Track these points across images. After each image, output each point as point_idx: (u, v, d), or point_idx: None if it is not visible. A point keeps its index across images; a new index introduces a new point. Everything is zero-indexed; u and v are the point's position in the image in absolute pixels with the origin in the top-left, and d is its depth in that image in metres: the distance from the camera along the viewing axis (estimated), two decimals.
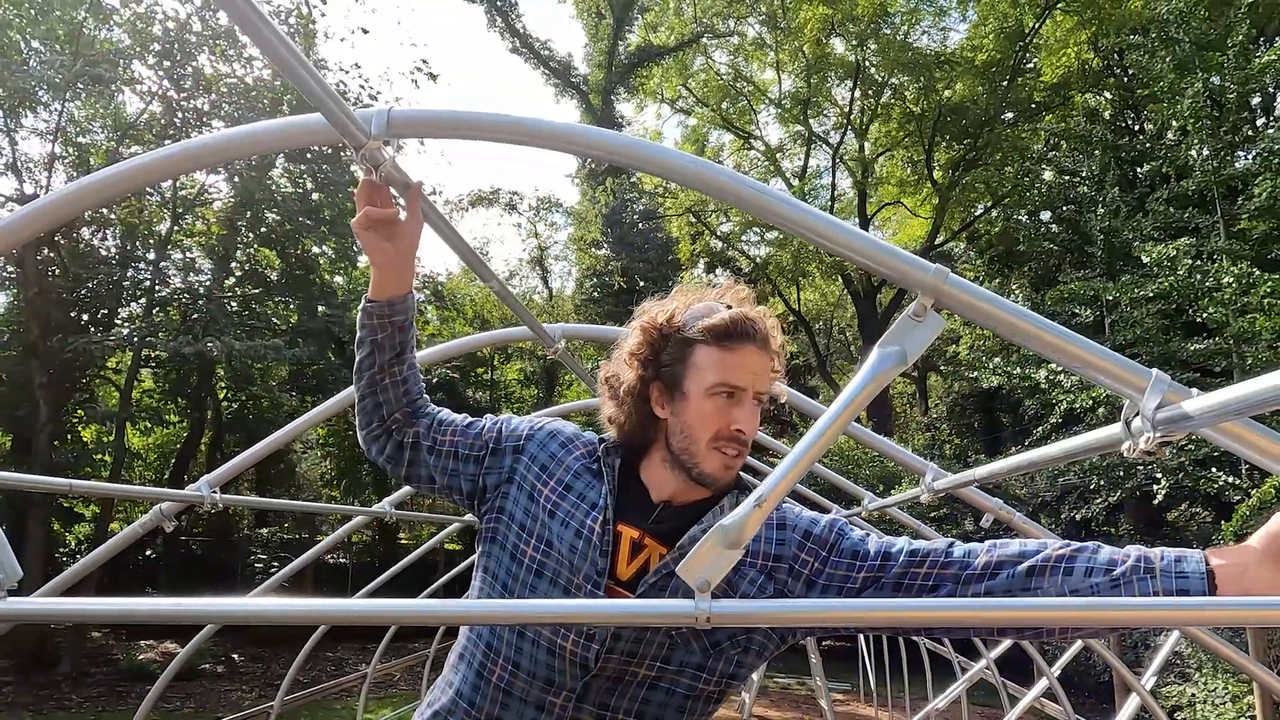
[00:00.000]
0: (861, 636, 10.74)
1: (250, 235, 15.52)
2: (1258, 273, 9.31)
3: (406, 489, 4.17)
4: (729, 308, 1.38)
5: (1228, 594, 1.12)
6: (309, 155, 14.76)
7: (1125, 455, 1.10)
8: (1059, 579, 1.22)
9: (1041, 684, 4.64)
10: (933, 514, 12.13)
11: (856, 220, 22.87)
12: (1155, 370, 1.03)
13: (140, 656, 12.44)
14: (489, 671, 1.38)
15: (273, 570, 17.80)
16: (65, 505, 14.46)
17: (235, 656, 13.18)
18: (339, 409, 2.31)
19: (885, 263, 1.10)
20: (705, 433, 1.34)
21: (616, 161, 1.15)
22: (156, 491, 2.30)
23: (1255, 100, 14.28)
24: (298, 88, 1.06)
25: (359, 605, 1.14)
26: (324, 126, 1.14)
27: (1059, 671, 4.60)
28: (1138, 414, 1.05)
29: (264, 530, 20.66)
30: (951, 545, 1.32)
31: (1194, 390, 1.02)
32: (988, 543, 1.31)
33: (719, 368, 1.34)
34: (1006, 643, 6.17)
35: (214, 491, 2.38)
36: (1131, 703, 3.69)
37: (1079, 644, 4.54)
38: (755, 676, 9.68)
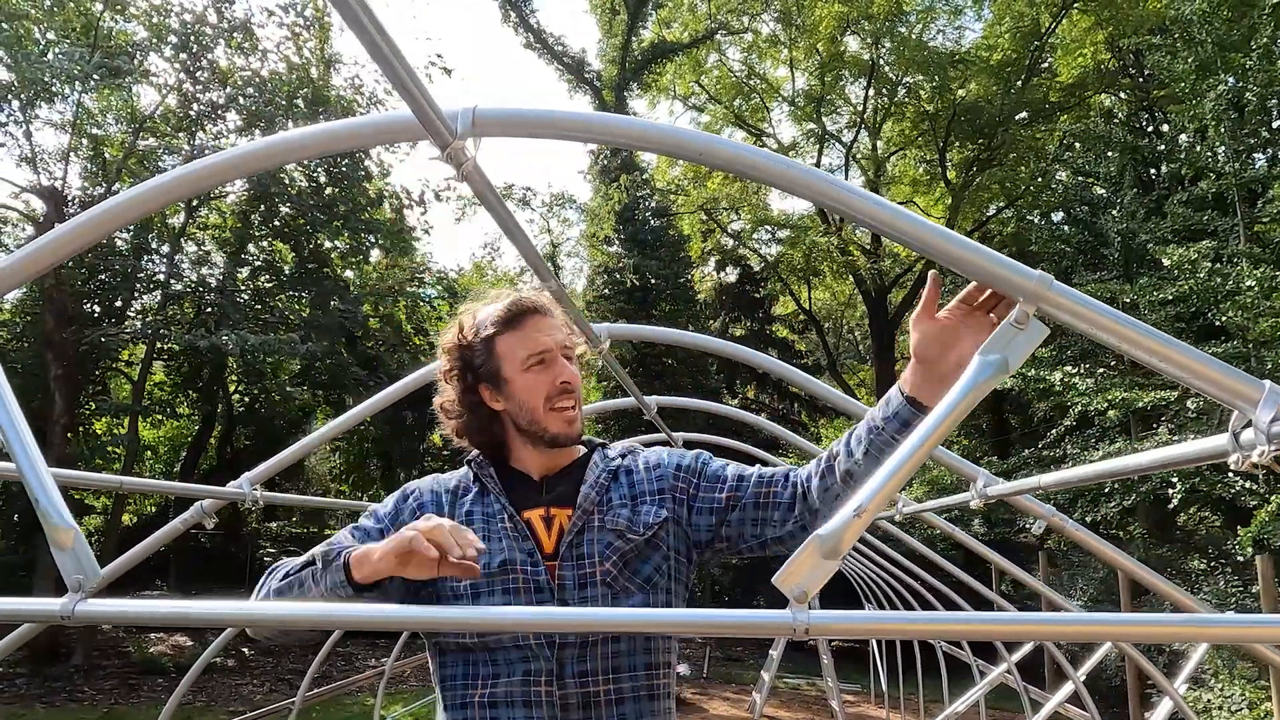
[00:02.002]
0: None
1: (264, 229, 15.54)
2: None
3: None
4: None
5: (927, 399, 1.32)
6: None
7: (1232, 468, 1.08)
8: (838, 470, 1.42)
9: (1067, 688, 4.61)
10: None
11: None
12: (1268, 382, 1.00)
13: (151, 649, 12.47)
14: (470, 696, 1.43)
15: None
16: (77, 497, 14.51)
17: (246, 651, 13.21)
18: (387, 404, 2.30)
19: (985, 268, 1.07)
20: (538, 399, 1.51)
21: (714, 166, 1.12)
22: (201, 488, 2.29)
23: (1271, 103, 14.18)
24: (390, 81, 1.04)
25: (407, 612, 1.13)
26: (411, 124, 1.12)
27: (1084, 676, 4.57)
28: (1247, 425, 1.03)
29: (273, 524, 20.73)
30: (789, 473, 1.52)
31: None
32: (807, 465, 1.52)
33: (522, 344, 1.52)
34: (1028, 646, 6.17)
35: (255, 489, 2.36)
36: (1164, 706, 3.65)
37: (1107, 646, 4.53)
38: (767, 677, 9.67)
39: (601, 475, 1.54)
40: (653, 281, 18.44)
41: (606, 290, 18.45)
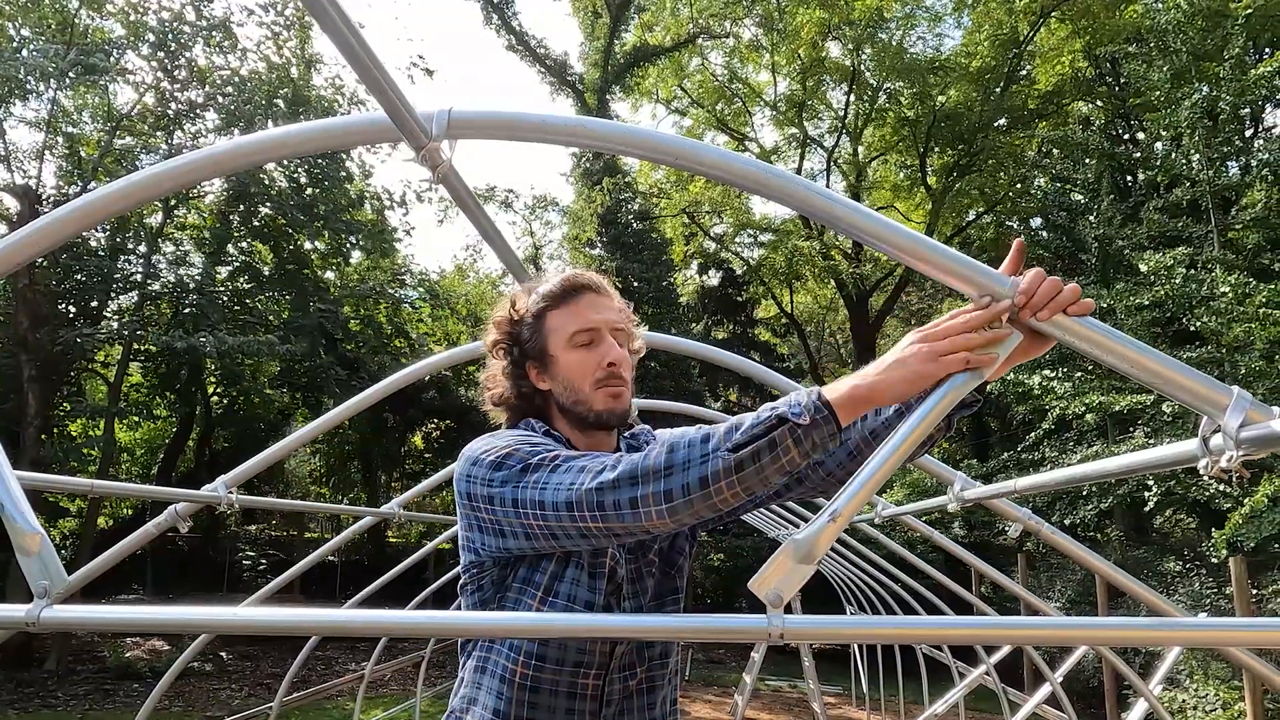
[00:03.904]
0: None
1: (243, 229, 15.41)
2: (1254, 282, 9.38)
3: (414, 490, 4.14)
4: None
5: None
6: None
7: (1201, 472, 1.09)
8: (859, 426, 1.39)
9: (1044, 689, 4.65)
10: None
11: None
12: (1236, 388, 1.01)
13: (127, 654, 12.31)
14: (511, 674, 1.38)
15: (261, 568, 17.72)
16: (51, 500, 14.30)
17: (224, 655, 13.07)
18: (367, 406, 2.29)
19: (960, 274, 1.08)
20: (585, 379, 1.45)
21: (688, 169, 1.12)
22: (174, 492, 2.25)
23: (1244, 111, 14.41)
24: (365, 83, 1.04)
25: (389, 617, 1.13)
26: (385, 125, 1.11)
27: (1061, 678, 4.60)
28: (1216, 431, 1.04)
29: (252, 527, 20.54)
30: None
31: (1276, 409, 1.00)
32: None
33: (570, 320, 1.47)
34: (1006, 649, 6.22)
35: (230, 492, 2.33)
36: (1139, 707, 3.69)
37: (1084, 648, 4.58)
38: (748, 680, 9.67)
39: None
40: (635, 284, 18.41)
41: None
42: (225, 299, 15.09)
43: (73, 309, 14.12)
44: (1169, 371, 1.03)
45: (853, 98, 22.77)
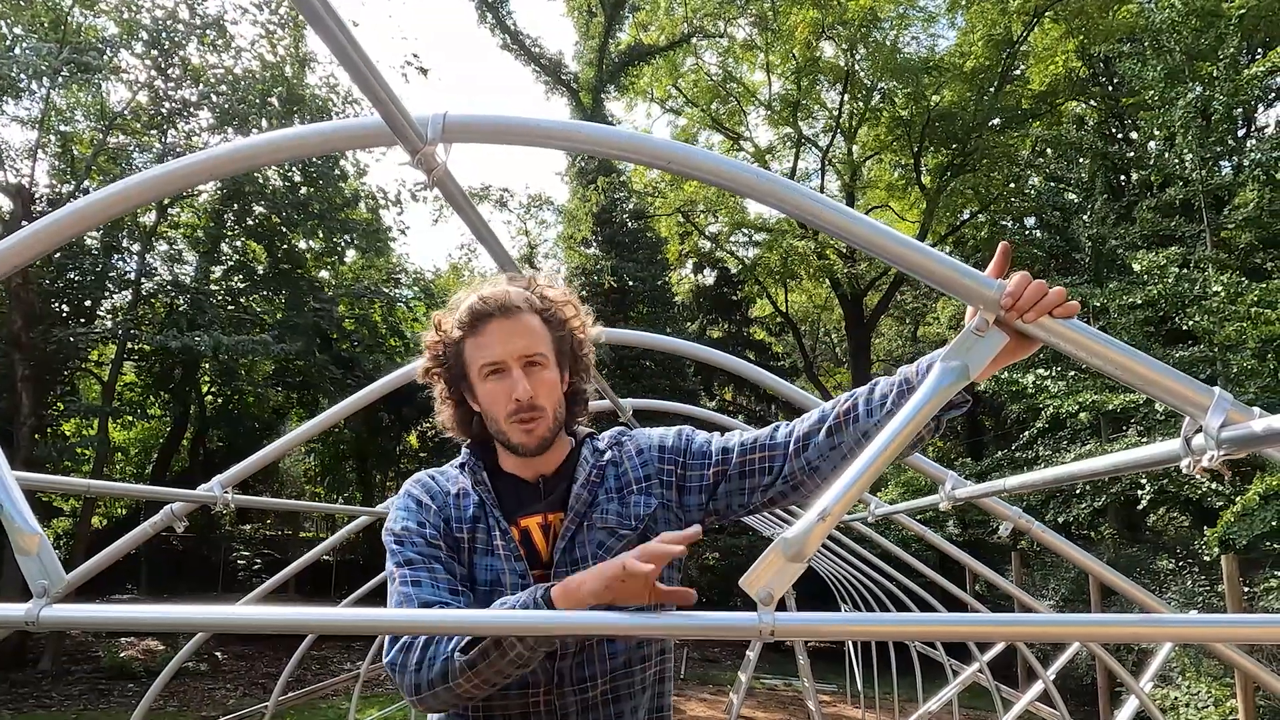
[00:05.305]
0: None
1: (237, 228, 15.37)
2: (1246, 282, 9.43)
3: None
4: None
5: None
6: None
7: (1184, 471, 1.11)
8: (853, 429, 1.36)
9: (1037, 687, 4.67)
10: None
11: None
12: (1217, 389, 1.03)
13: (122, 654, 12.29)
14: (463, 712, 1.40)
15: (256, 567, 17.70)
16: (44, 499, 14.27)
17: (219, 655, 13.05)
18: (363, 405, 2.30)
19: (948, 277, 1.10)
20: (497, 411, 1.46)
21: (681, 174, 1.13)
22: (170, 492, 2.26)
23: (1237, 111, 14.46)
24: (360, 88, 1.05)
25: (384, 616, 1.15)
26: (380, 129, 1.12)
27: (1054, 675, 4.63)
28: (1198, 431, 1.06)
29: (247, 527, 20.51)
30: (777, 429, 1.47)
31: (1256, 410, 1.02)
32: (805, 417, 1.46)
33: (478, 352, 1.47)
34: (999, 646, 6.24)
35: (227, 492, 2.34)
36: (1131, 705, 3.72)
37: (1076, 646, 4.61)
38: (744, 678, 9.70)
39: (592, 472, 1.49)
40: (630, 284, 18.43)
41: (584, 292, 18.39)
42: (219, 298, 15.06)
43: (66, 308, 14.08)
44: (1152, 373, 1.05)
45: (847, 97, 22.80)
